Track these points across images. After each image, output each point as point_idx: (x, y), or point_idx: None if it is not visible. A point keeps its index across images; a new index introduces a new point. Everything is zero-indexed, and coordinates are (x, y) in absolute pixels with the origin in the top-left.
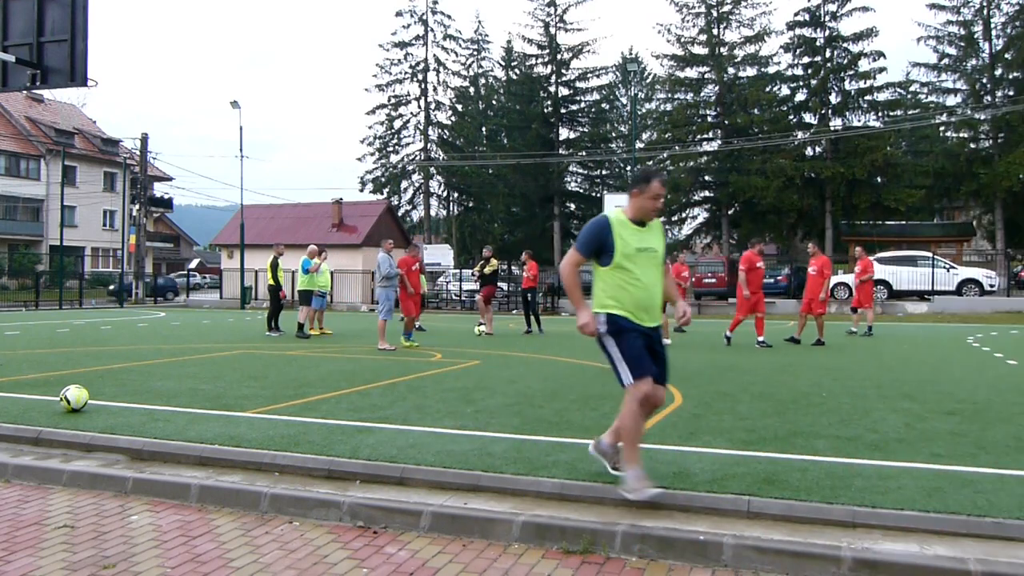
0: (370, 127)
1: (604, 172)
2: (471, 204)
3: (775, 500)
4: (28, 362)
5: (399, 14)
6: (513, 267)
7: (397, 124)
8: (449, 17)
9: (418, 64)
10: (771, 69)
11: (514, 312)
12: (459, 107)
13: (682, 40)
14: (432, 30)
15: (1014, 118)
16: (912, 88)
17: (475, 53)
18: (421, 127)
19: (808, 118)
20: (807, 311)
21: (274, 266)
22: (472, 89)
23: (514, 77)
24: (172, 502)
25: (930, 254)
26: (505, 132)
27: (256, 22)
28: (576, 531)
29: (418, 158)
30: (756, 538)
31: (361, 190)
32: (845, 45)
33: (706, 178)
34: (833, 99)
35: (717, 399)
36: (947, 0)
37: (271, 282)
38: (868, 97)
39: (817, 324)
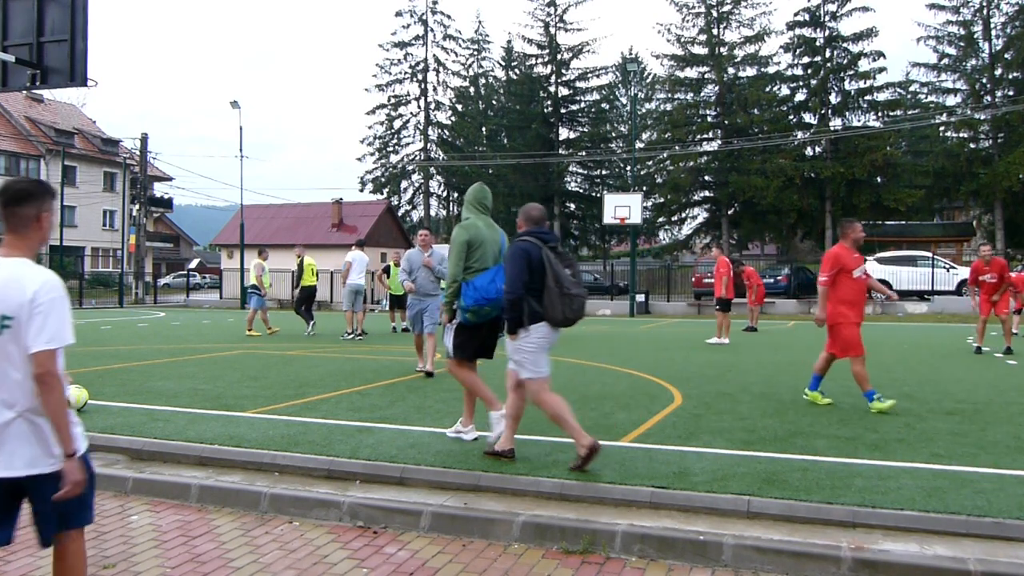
0: (370, 127)
1: (604, 172)
2: None
3: (775, 500)
4: None
5: (399, 14)
6: None
7: (397, 124)
8: (449, 17)
9: (418, 64)
10: (771, 69)
11: None
12: (459, 107)
13: (682, 40)
14: (432, 30)
15: (1014, 118)
16: (912, 88)
17: (475, 53)
18: (421, 127)
19: (808, 118)
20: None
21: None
22: (472, 89)
23: (514, 77)
24: (172, 502)
25: (930, 254)
26: (505, 132)
27: (256, 22)
28: (576, 531)
29: (418, 158)
30: (756, 538)
31: (361, 190)
32: (845, 45)
33: (706, 178)
34: (833, 99)
35: (717, 399)
36: (947, 0)
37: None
38: (868, 97)
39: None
